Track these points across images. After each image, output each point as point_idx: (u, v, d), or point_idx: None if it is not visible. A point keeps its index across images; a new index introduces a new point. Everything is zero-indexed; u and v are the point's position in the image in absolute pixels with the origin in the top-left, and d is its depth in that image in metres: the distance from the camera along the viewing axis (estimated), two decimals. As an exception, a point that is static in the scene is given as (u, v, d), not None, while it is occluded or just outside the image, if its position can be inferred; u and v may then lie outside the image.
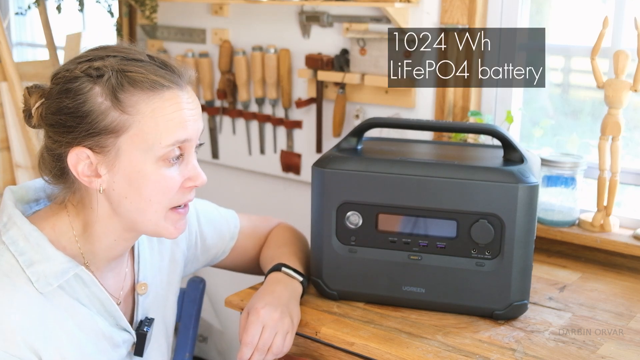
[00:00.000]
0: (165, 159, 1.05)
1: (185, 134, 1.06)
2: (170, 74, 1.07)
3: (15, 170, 2.30)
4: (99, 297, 1.11)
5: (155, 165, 1.05)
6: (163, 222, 1.09)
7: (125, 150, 1.04)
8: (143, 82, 1.03)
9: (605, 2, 1.84)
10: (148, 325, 1.21)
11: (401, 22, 1.93)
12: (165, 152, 1.05)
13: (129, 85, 1.03)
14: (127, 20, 2.61)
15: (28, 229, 1.07)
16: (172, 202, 1.09)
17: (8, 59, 2.29)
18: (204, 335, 2.73)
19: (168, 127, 1.04)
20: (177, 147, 1.06)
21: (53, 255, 1.06)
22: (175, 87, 1.06)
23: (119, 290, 1.19)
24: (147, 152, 1.04)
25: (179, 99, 1.06)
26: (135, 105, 1.03)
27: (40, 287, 1.04)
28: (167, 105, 1.05)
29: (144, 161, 1.04)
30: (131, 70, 1.04)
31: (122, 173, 1.05)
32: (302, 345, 1.34)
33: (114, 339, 1.14)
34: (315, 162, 1.36)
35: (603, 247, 1.63)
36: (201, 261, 1.41)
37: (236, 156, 2.47)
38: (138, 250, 1.23)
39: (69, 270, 1.07)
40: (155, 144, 1.04)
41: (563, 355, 1.20)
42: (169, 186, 1.07)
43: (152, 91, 1.04)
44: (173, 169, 1.07)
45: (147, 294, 1.23)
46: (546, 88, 1.90)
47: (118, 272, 1.19)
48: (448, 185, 1.28)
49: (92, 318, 1.11)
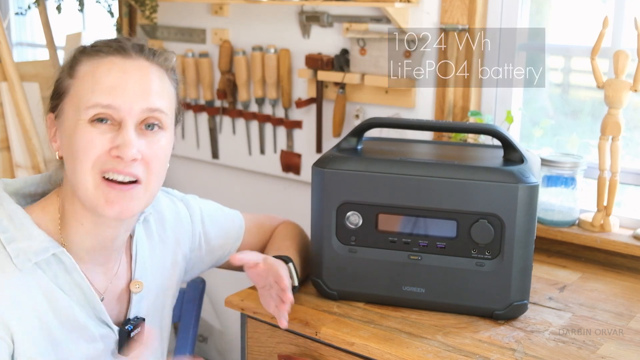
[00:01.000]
0: (92, 121, 1.07)
1: (110, 99, 1.06)
2: (122, 45, 1.10)
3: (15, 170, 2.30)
4: (80, 284, 1.11)
5: (83, 124, 1.06)
6: (94, 190, 1.07)
7: (66, 112, 1.09)
8: (91, 51, 1.10)
9: (605, 2, 1.84)
10: (132, 324, 1.19)
11: (401, 22, 1.93)
12: (90, 113, 1.06)
13: (82, 55, 1.11)
14: (127, 20, 2.61)
15: (12, 208, 1.10)
16: (96, 164, 1.06)
17: (8, 59, 2.29)
18: (204, 335, 2.73)
19: (93, 89, 1.07)
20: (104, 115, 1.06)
21: (35, 234, 1.08)
22: (118, 55, 1.09)
23: (106, 286, 1.18)
24: (76, 112, 1.07)
25: (114, 64, 1.08)
26: (79, 69, 1.09)
27: (19, 262, 1.05)
28: (100, 70, 1.08)
29: (74, 121, 1.07)
30: (94, 44, 1.12)
31: (63, 134, 1.10)
32: (302, 345, 1.34)
33: (90, 331, 1.13)
34: (315, 162, 1.36)
35: (603, 247, 1.63)
36: (206, 262, 1.41)
37: (236, 156, 2.47)
38: (136, 249, 1.23)
39: (49, 249, 1.08)
40: (80, 104, 1.07)
41: (563, 355, 1.20)
42: (89, 144, 1.06)
43: (94, 56, 1.09)
44: (97, 131, 1.06)
45: (142, 293, 1.22)
46: (546, 88, 1.91)
47: (108, 268, 1.18)
48: (448, 185, 1.28)
49: (69, 306, 1.10)
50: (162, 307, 1.28)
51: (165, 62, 1.13)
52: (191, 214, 1.36)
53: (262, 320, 1.38)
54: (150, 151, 1.08)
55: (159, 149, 1.10)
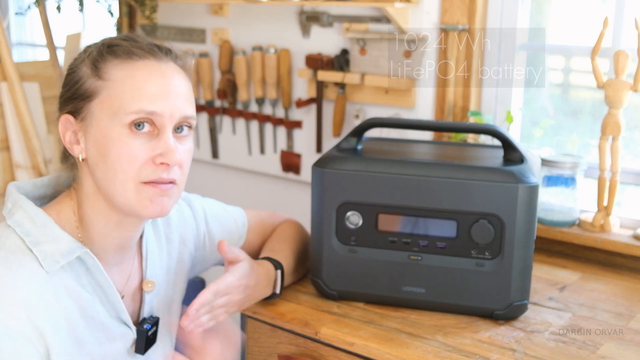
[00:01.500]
0: (132, 127, 1.05)
1: (153, 106, 1.05)
2: (152, 48, 1.09)
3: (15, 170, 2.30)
4: (102, 284, 1.11)
5: (120, 132, 1.05)
6: (135, 195, 1.06)
7: (96, 116, 1.06)
8: (121, 52, 1.07)
9: (605, 2, 1.84)
10: (150, 323, 1.20)
11: (401, 22, 1.93)
12: (130, 119, 1.04)
13: (108, 54, 1.08)
14: (127, 20, 2.61)
15: (34, 210, 1.08)
16: (140, 175, 1.06)
17: (8, 59, 2.29)
18: (204, 335, 2.73)
19: (134, 95, 1.05)
20: (145, 120, 1.05)
21: (59, 236, 1.07)
22: (151, 58, 1.08)
23: (123, 286, 1.19)
24: (112, 117, 1.05)
25: (152, 69, 1.07)
26: (109, 71, 1.06)
27: (47, 265, 1.04)
28: (138, 74, 1.06)
29: (110, 127, 1.05)
30: (116, 43, 1.09)
31: (93, 139, 1.07)
32: (302, 345, 1.34)
33: (112, 330, 1.14)
34: (315, 162, 1.36)
35: (603, 247, 1.63)
36: (210, 261, 1.41)
37: (236, 156, 2.47)
38: (146, 248, 1.23)
39: (75, 250, 1.07)
40: (120, 109, 1.05)
41: (563, 355, 1.20)
42: (132, 155, 1.05)
43: (127, 58, 1.07)
44: (139, 140, 1.05)
45: (153, 292, 1.23)
46: (546, 88, 1.91)
47: (123, 268, 1.19)
48: (448, 185, 1.28)
49: (94, 306, 1.10)
50: (170, 304, 1.29)
51: (188, 64, 1.14)
52: (194, 213, 1.36)
53: (262, 321, 1.38)
54: (183, 154, 1.10)
55: (189, 151, 1.12)
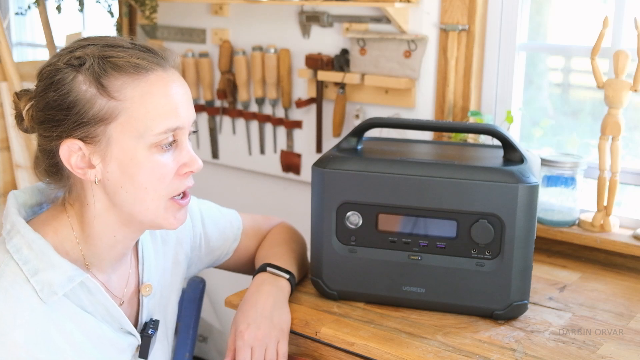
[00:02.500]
0: (158, 146, 1.04)
1: (178, 121, 1.04)
2: (152, 56, 1.06)
3: (15, 170, 2.30)
4: (103, 303, 1.10)
5: (148, 151, 1.03)
6: (164, 212, 1.07)
7: (117, 138, 1.02)
8: (126, 66, 1.02)
9: (605, 2, 1.84)
10: (153, 327, 1.20)
11: (401, 22, 1.93)
12: (158, 139, 1.03)
13: (112, 70, 1.02)
14: (127, 20, 2.61)
15: (31, 236, 1.05)
16: (169, 190, 1.07)
17: (8, 59, 2.29)
18: (204, 335, 2.73)
19: (159, 114, 1.03)
20: (170, 134, 1.04)
21: (57, 263, 1.04)
22: (159, 68, 1.05)
23: (122, 291, 1.18)
24: (138, 139, 1.02)
25: (165, 82, 1.05)
26: (122, 90, 1.01)
27: (45, 296, 1.02)
28: (154, 90, 1.03)
29: (136, 148, 1.03)
30: (112, 55, 1.03)
31: (115, 162, 1.03)
32: (302, 345, 1.34)
33: (120, 344, 1.13)
34: (315, 162, 1.36)
35: (603, 247, 1.63)
36: (205, 262, 1.41)
37: (236, 156, 2.47)
38: (142, 251, 1.23)
39: (74, 278, 1.05)
40: (147, 131, 1.02)
41: (563, 355, 1.20)
42: (163, 172, 1.05)
43: (136, 74, 1.02)
44: (167, 155, 1.05)
45: (151, 295, 1.22)
46: (546, 88, 1.91)
47: (122, 273, 1.18)
48: (448, 185, 1.28)
49: (97, 325, 1.10)
50: (167, 305, 1.29)
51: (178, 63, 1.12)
52: (191, 215, 1.36)
53: (262, 320, 1.38)
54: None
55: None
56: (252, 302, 1.29)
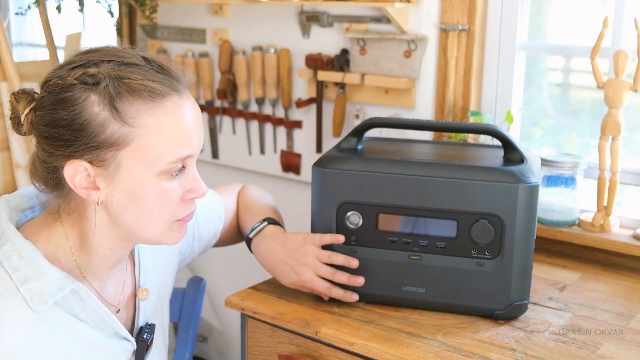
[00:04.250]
0: (168, 173, 1.02)
1: (190, 150, 1.03)
2: (169, 79, 1.02)
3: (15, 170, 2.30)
4: (96, 310, 1.08)
5: (157, 179, 1.02)
6: (167, 232, 1.07)
7: (127, 164, 1.00)
8: (141, 90, 0.98)
9: (606, 2, 1.84)
10: (149, 332, 1.18)
11: (401, 22, 1.93)
12: (169, 168, 1.02)
13: (127, 94, 0.98)
14: (127, 20, 2.61)
15: (22, 244, 1.03)
16: (174, 214, 1.06)
17: (8, 59, 2.29)
18: (204, 335, 2.73)
19: (173, 143, 1.01)
20: (180, 162, 1.04)
21: (48, 271, 1.02)
22: (174, 94, 1.02)
23: (118, 297, 1.17)
24: (149, 166, 1.01)
25: (180, 110, 1.02)
26: (136, 116, 0.98)
27: (35, 305, 1.01)
28: (170, 119, 1.00)
29: (145, 175, 1.01)
30: (128, 76, 0.99)
31: (122, 186, 1.01)
32: (302, 345, 1.34)
33: (113, 349, 1.12)
34: (315, 162, 1.36)
35: (603, 247, 1.63)
36: (197, 251, 1.41)
37: (236, 156, 2.47)
38: (138, 255, 1.22)
39: (64, 287, 1.03)
40: (158, 159, 1.01)
41: (563, 355, 1.20)
42: (170, 199, 1.04)
43: (152, 101, 0.99)
44: (174, 182, 1.04)
45: (148, 299, 1.21)
46: (546, 88, 1.91)
47: (117, 280, 1.17)
48: (448, 185, 1.28)
49: (90, 332, 1.08)
50: (162, 307, 1.29)
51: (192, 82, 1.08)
52: None
53: (262, 320, 1.38)
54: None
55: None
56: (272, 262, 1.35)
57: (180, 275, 1.76)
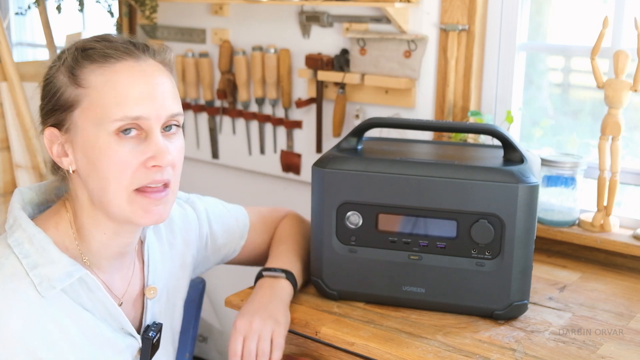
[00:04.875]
0: (118, 133, 1.02)
1: (137, 111, 1.02)
2: (127, 47, 1.05)
3: (15, 170, 2.30)
4: (103, 302, 1.10)
5: (108, 139, 1.02)
6: (128, 205, 1.05)
7: (81, 126, 1.03)
8: (96, 55, 1.03)
9: (606, 2, 1.84)
10: (154, 330, 1.19)
11: (401, 22, 1.93)
12: (116, 126, 1.01)
13: (83, 60, 1.04)
14: (127, 20, 2.61)
15: (32, 231, 1.06)
16: (133, 181, 1.04)
17: (8, 59, 2.29)
18: (204, 335, 2.73)
19: (117, 102, 1.01)
20: (131, 126, 1.02)
21: (57, 258, 1.05)
22: (129, 58, 1.04)
23: (123, 292, 1.18)
24: (98, 126, 1.02)
25: (132, 71, 1.03)
26: (87, 77, 1.03)
27: (43, 290, 1.02)
28: (118, 78, 1.02)
29: (96, 135, 1.02)
30: (90, 46, 1.05)
31: (80, 149, 1.04)
32: (302, 345, 1.34)
33: (117, 344, 1.13)
34: (315, 162, 1.36)
35: (603, 247, 1.63)
36: (212, 261, 1.41)
37: (236, 156, 2.47)
38: (148, 253, 1.22)
39: (73, 274, 1.05)
40: (104, 117, 1.01)
41: (563, 355, 1.20)
42: (122, 162, 1.02)
43: (105, 64, 1.03)
44: (128, 145, 1.02)
45: (156, 298, 1.21)
46: (546, 88, 1.91)
47: (124, 274, 1.18)
48: (448, 185, 1.28)
49: (95, 323, 1.09)
50: (173, 309, 1.28)
51: (167, 59, 1.10)
52: (198, 215, 1.35)
53: (262, 320, 1.38)
54: (175, 153, 1.07)
55: (180, 150, 1.09)
56: (250, 300, 1.31)
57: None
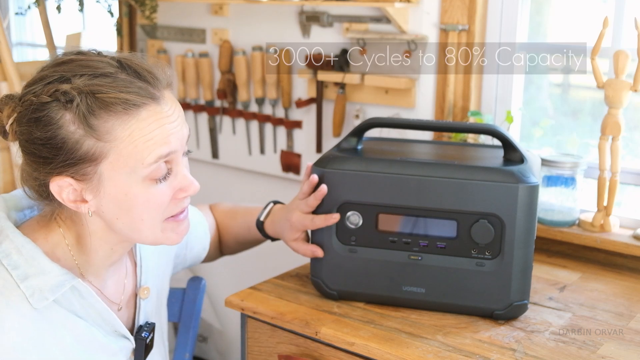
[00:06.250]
0: (152, 178, 1.01)
1: (168, 148, 1.01)
2: (145, 86, 1.00)
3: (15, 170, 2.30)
4: (96, 307, 1.08)
5: (142, 185, 1.01)
6: (161, 233, 1.07)
7: (108, 176, 1.00)
8: (115, 105, 0.96)
9: (605, 2, 1.84)
10: (147, 330, 1.18)
11: (401, 22, 1.93)
12: (150, 171, 1.00)
13: (101, 110, 0.96)
14: (127, 20, 2.61)
15: (21, 241, 1.03)
16: (165, 214, 1.06)
17: (8, 59, 2.29)
18: (204, 335, 2.73)
19: (148, 147, 0.99)
20: (162, 162, 1.02)
21: (48, 268, 1.02)
22: (151, 102, 1.00)
23: (119, 296, 1.17)
24: (130, 174, 1.00)
25: (157, 115, 1.00)
26: (111, 131, 0.97)
27: (35, 302, 1.01)
28: (144, 126, 0.99)
29: (129, 184, 1.00)
30: (101, 90, 0.97)
31: (108, 197, 1.01)
32: (302, 345, 1.34)
33: (110, 347, 1.12)
34: (315, 162, 1.36)
35: (603, 247, 1.63)
36: (188, 261, 1.42)
37: (236, 156, 2.47)
38: (140, 254, 1.22)
39: (65, 283, 1.03)
40: (137, 165, 0.99)
41: (563, 355, 1.20)
42: (159, 202, 1.03)
43: (126, 114, 0.97)
44: (162, 185, 1.03)
45: (149, 298, 1.21)
46: (546, 88, 1.91)
47: (118, 278, 1.17)
48: (448, 185, 1.28)
49: (88, 330, 1.08)
50: (160, 308, 1.29)
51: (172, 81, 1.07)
52: None
53: (262, 321, 1.38)
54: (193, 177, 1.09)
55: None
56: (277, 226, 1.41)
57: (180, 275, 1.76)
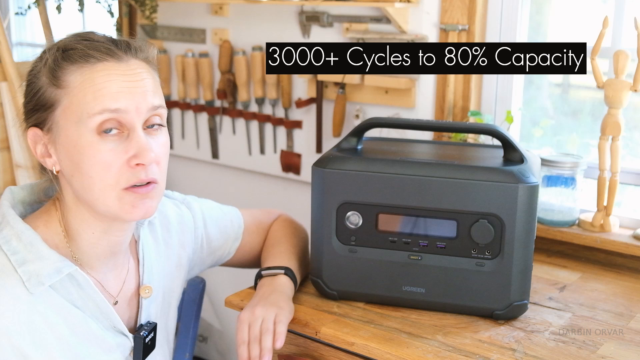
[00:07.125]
0: (100, 132, 1.02)
1: (116, 104, 1.02)
2: (112, 47, 1.05)
3: (15, 170, 2.30)
4: (94, 298, 1.09)
5: (89, 139, 1.02)
6: (117, 202, 1.05)
7: (62, 125, 1.04)
8: (77, 56, 1.04)
9: (605, 2, 1.84)
10: (147, 330, 1.18)
11: (401, 22, 1.93)
12: (96, 122, 1.01)
13: (63, 61, 1.04)
14: (127, 20, 2.61)
15: (20, 227, 1.06)
16: (119, 182, 1.04)
17: (8, 59, 2.29)
18: (204, 335, 2.73)
19: (96, 96, 1.02)
20: (111, 120, 1.02)
21: (46, 254, 1.04)
22: (110, 59, 1.04)
23: (118, 291, 1.18)
24: (78, 124, 1.02)
25: (112, 70, 1.03)
26: (67, 78, 1.03)
27: (31, 286, 1.02)
28: (96, 76, 1.03)
29: (77, 134, 1.02)
30: (72, 47, 1.05)
31: (62, 149, 1.05)
32: (302, 345, 1.34)
33: (107, 342, 1.12)
34: (315, 162, 1.36)
35: (603, 247, 1.63)
36: (207, 263, 1.41)
37: (236, 156, 2.47)
38: (143, 252, 1.22)
39: (62, 270, 1.05)
40: (83, 114, 1.02)
41: (563, 355, 1.20)
42: (105, 161, 1.02)
43: (84, 64, 1.03)
44: (109, 144, 1.03)
45: (152, 298, 1.21)
46: (546, 88, 1.91)
47: (118, 273, 1.18)
48: (448, 185, 1.28)
49: (84, 321, 1.09)
50: (168, 310, 1.28)
51: (151, 56, 1.10)
52: (194, 216, 1.36)
53: (262, 320, 1.38)
54: (158, 150, 1.06)
55: (164, 146, 1.08)
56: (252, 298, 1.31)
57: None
